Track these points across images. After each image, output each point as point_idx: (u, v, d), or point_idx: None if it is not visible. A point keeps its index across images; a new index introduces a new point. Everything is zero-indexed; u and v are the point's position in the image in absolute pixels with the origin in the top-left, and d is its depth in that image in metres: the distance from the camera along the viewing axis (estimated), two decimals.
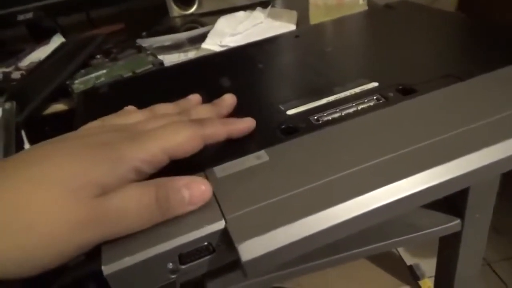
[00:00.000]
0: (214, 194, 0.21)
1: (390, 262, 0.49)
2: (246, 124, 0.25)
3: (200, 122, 0.23)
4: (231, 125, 0.25)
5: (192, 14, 0.71)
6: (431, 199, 0.21)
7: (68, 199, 0.18)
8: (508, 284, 0.94)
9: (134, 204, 0.19)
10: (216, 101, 0.29)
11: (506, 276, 0.96)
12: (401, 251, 0.56)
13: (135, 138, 0.21)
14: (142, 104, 0.33)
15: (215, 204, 0.21)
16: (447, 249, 0.39)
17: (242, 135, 0.25)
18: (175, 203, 0.20)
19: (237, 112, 0.27)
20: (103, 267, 0.19)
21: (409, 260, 0.56)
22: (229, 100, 0.29)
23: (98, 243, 0.19)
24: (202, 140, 0.23)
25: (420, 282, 0.52)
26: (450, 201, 0.34)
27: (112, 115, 0.27)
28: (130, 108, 0.28)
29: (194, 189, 0.20)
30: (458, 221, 0.34)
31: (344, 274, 0.46)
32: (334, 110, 0.27)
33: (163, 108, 0.27)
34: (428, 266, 0.57)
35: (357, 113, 0.27)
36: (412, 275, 0.50)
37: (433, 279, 0.45)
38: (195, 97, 0.30)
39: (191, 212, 0.20)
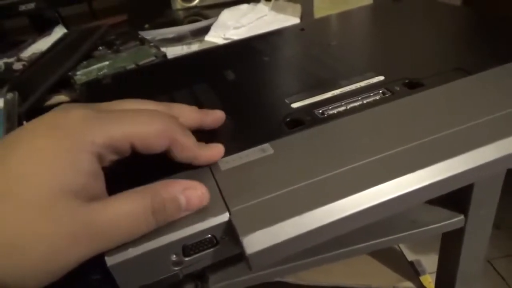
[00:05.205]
0: (218, 187, 0.21)
1: (391, 258, 0.49)
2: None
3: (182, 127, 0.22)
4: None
5: (195, 6, 0.70)
6: (437, 194, 0.21)
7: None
8: (508, 281, 0.94)
9: (130, 222, 0.18)
10: (205, 110, 0.27)
11: (506, 273, 0.96)
12: (403, 247, 0.56)
13: (100, 117, 0.19)
14: (144, 96, 0.33)
15: (219, 197, 0.20)
16: (450, 245, 0.39)
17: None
18: (172, 212, 0.19)
19: (241, 105, 0.27)
20: (106, 258, 0.18)
21: (410, 256, 0.57)
22: (217, 113, 0.26)
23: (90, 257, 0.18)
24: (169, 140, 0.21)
25: (421, 278, 0.52)
26: (453, 196, 0.34)
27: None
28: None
29: (192, 194, 0.20)
30: (461, 217, 0.34)
31: (345, 270, 0.46)
32: (339, 104, 0.27)
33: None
34: (429, 263, 0.57)
35: (362, 107, 0.26)
36: (413, 271, 0.50)
37: (434, 275, 0.45)
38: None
39: None
